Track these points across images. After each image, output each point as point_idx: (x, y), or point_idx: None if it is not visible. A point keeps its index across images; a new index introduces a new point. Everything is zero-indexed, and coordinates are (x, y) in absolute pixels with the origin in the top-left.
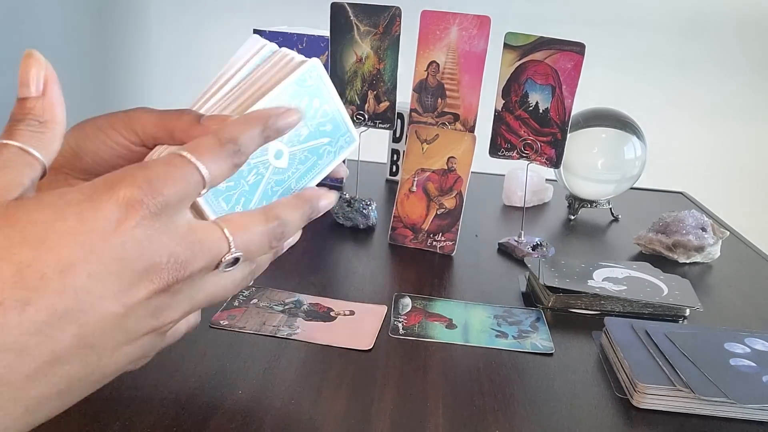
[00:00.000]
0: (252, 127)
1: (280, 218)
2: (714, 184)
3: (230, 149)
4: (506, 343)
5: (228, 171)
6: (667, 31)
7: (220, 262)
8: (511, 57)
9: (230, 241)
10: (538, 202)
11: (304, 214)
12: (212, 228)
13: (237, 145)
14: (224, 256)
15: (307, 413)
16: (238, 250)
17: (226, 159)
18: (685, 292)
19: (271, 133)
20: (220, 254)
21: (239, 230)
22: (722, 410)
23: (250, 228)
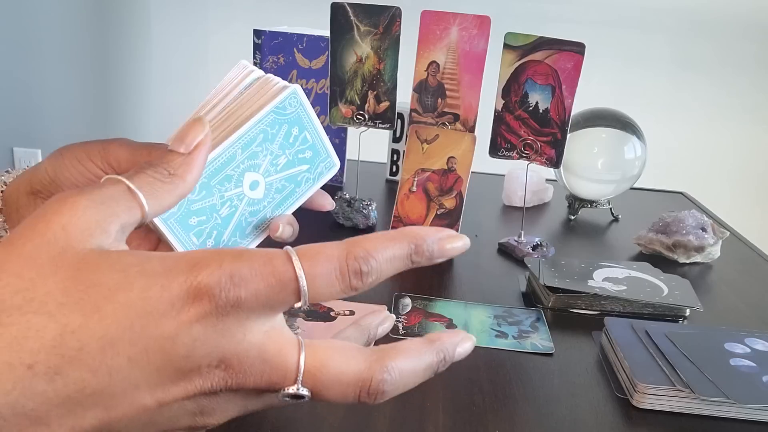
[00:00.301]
0: (387, 244)
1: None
2: (714, 184)
3: (354, 268)
4: (506, 343)
5: (338, 295)
6: (667, 31)
7: (281, 391)
8: (510, 57)
9: (299, 376)
10: (538, 202)
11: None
12: (287, 352)
13: (368, 266)
14: (286, 388)
15: (306, 413)
16: (307, 388)
17: (342, 281)
18: (685, 292)
19: (416, 259)
20: (282, 383)
21: (323, 356)
22: (722, 410)
23: (339, 375)
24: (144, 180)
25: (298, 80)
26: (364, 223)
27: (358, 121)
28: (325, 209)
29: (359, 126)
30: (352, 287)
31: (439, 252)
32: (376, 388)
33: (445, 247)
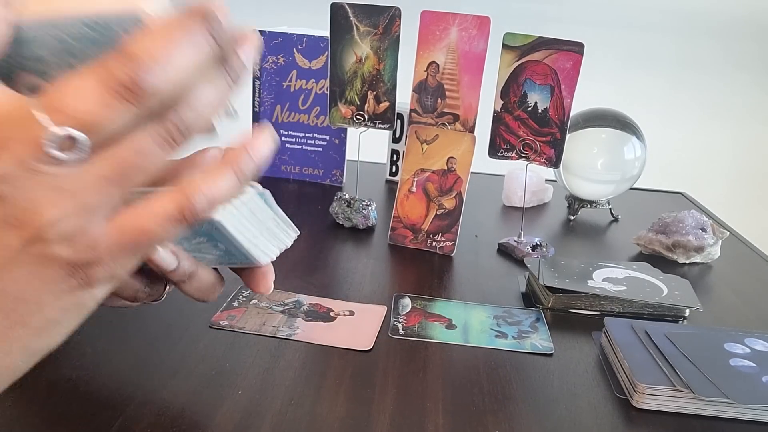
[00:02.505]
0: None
1: (123, 59)
2: (714, 184)
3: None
4: (506, 343)
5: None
6: (667, 31)
7: (43, 147)
8: (509, 57)
9: (38, 115)
10: (537, 202)
11: (184, 33)
12: (15, 104)
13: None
14: (42, 139)
15: (306, 413)
16: (65, 125)
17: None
18: (685, 293)
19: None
20: (32, 137)
21: (59, 96)
22: (722, 410)
23: (73, 87)
24: None
25: (298, 80)
26: (363, 223)
27: (357, 121)
28: (258, 290)
29: (359, 126)
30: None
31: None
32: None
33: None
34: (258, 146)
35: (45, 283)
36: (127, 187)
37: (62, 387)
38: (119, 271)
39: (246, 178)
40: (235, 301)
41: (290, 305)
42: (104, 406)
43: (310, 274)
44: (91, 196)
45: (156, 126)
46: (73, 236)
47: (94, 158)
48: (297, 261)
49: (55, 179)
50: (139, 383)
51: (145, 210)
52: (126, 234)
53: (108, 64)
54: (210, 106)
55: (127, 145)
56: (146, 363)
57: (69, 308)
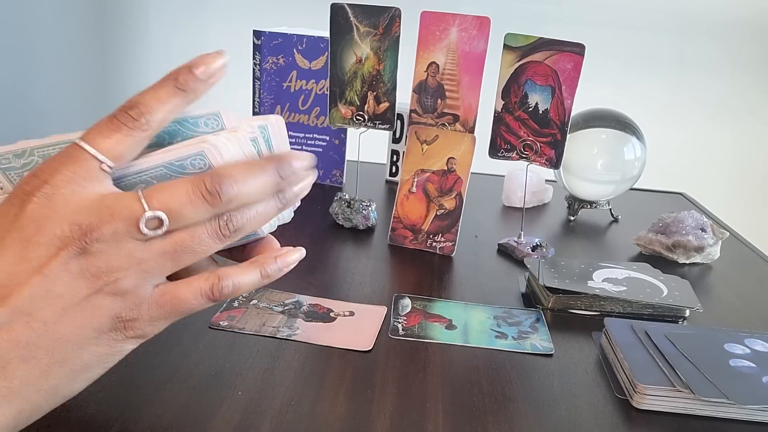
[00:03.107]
0: (155, 88)
1: (215, 176)
2: (714, 184)
3: (126, 119)
4: (506, 343)
5: (128, 144)
6: (667, 31)
7: (138, 223)
8: (510, 58)
9: (143, 202)
10: (537, 202)
11: (260, 170)
12: (126, 194)
13: (135, 110)
14: (140, 217)
15: (306, 414)
16: (157, 209)
17: (123, 131)
18: (685, 293)
19: (181, 83)
20: (132, 216)
21: (158, 191)
22: (722, 411)
23: (171, 187)
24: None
25: (298, 81)
26: (363, 223)
27: (357, 121)
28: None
29: (359, 127)
30: (131, 131)
31: (299, 177)
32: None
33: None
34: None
35: (93, 328)
36: (179, 265)
37: None
38: (150, 332)
39: (269, 279)
40: (234, 301)
41: (290, 306)
42: (103, 407)
43: (310, 275)
44: (151, 265)
45: (214, 223)
46: (127, 294)
47: (162, 238)
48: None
49: (133, 248)
50: (138, 384)
51: (185, 284)
52: (167, 299)
53: (201, 176)
54: (258, 219)
55: (189, 232)
56: (146, 363)
57: (102, 356)
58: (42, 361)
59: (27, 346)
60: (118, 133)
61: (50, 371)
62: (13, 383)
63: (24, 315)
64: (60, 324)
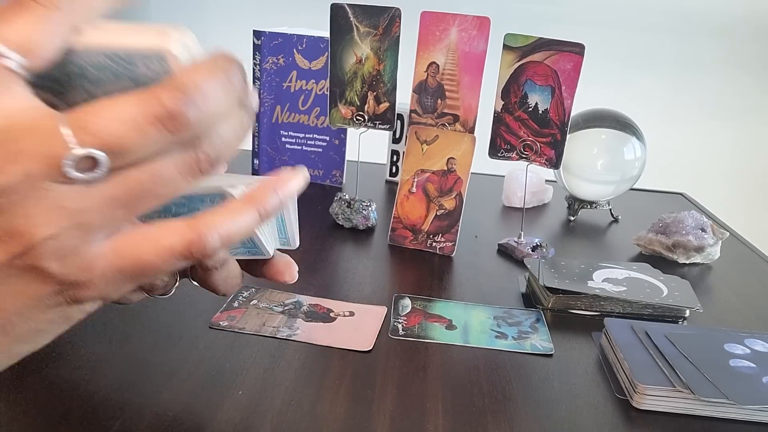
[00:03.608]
0: None
1: (172, 88)
2: (714, 184)
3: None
4: (506, 344)
5: (41, 25)
6: (667, 31)
7: (61, 166)
8: (510, 58)
9: (67, 134)
10: (537, 203)
11: (222, 73)
12: (42, 119)
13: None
14: (63, 157)
15: (307, 414)
16: (89, 146)
17: (30, 8)
18: (685, 293)
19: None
20: (51, 153)
21: (91, 114)
22: (722, 411)
23: (111, 108)
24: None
25: (298, 81)
26: (363, 224)
27: (357, 122)
28: (283, 278)
29: (359, 127)
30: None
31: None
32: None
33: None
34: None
35: (30, 297)
36: (136, 212)
37: (62, 388)
38: (111, 294)
39: (268, 217)
40: (235, 301)
41: (290, 306)
42: (104, 406)
43: (310, 275)
44: (94, 216)
45: (184, 155)
46: (66, 256)
47: (107, 178)
48: (297, 261)
49: (60, 197)
50: (139, 384)
51: (150, 238)
52: (124, 260)
53: (157, 93)
54: (235, 138)
55: (147, 170)
56: (146, 363)
57: (54, 320)
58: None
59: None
60: (23, 12)
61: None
62: None
63: None
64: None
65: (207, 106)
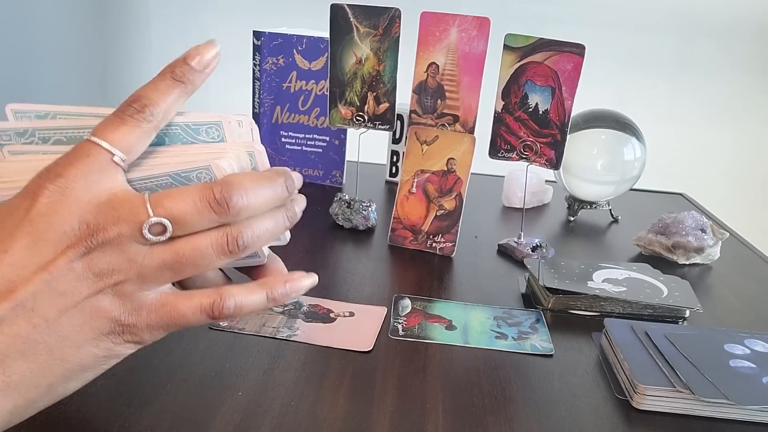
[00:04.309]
0: (154, 81)
1: (224, 185)
2: (713, 185)
3: (132, 112)
4: (506, 344)
5: (136, 135)
6: (666, 31)
7: (142, 229)
8: (510, 58)
9: (148, 207)
10: (537, 203)
11: (268, 182)
12: (133, 197)
13: (138, 103)
14: (144, 222)
15: (306, 414)
16: (162, 216)
17: (130, 123)
18: (685, 294)
19: (178, 75)
20: (137, 219)
21: (165, 197)
22: (722, 411)
23: (179, 194)
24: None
25: (298, 81)
26: (363, 224)
27: (357, 122)
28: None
29: (359, 127)
30: (140, 126)
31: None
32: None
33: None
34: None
35: (92, 329)
36: (178, 275)
37: None
38: (148, 339)
39: (275, 303)
40: None
41: (290, 306)
42: (104, 407)
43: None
44: (150, 271)
45: (220, 234)
46: (126, 297)
47: (164, 246)
48: (297, 262)
49: (135, 252)
50: (138, 384)
51: (187, 297)
52: (164, 310)
53: (210, 185)
54: (267, 235)
55: (190, 243)
56: (146, 364)
57: (99, 358)
58: (41, 357)
59: (27, 341)
60: (125, 125)
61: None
62: (11, 378)
63: (27, 311)
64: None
65: (247, 200)
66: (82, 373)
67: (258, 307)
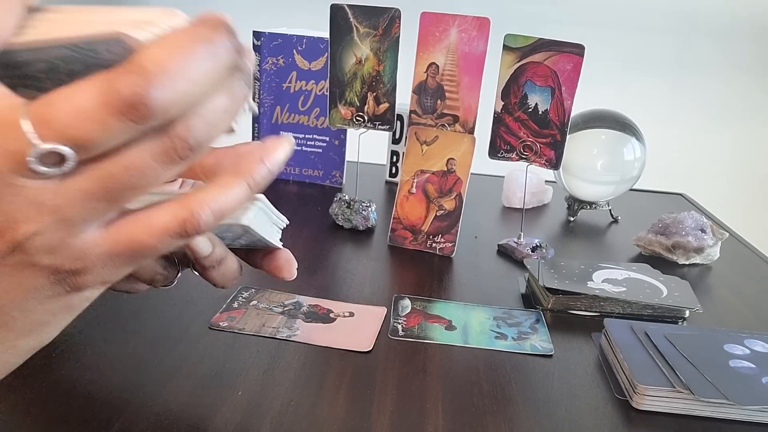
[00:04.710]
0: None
1: (132, 75)
2: (713, 185)
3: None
4: (506, 344)
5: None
6: (666, 32)
7: (27, 164)
8: (510, 59)
9: (29, 130)
10: (537, 203)
11: (201, 43)
12: (2, 119)
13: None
14: (27, 154)
15: (306, 414)
16: (52, 141)
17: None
18: (685, 294)
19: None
20: (16, 150)
21: (51, 109)
22: (722, 411)
23: (69, 100)
24: None
25: (298, 81)
26: (363, 224)
27: (357, 122)
28: (281, 275)
29: (359, 127)
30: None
31: None
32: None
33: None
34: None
35: (28, 290)
36: (119, 203)
37: (62, 388)
38: (111, 278)
39: (258, 188)
40: (234, 302)
41: (290, 306)
42: (104, 407)
43: (310, 276)
44: (73, 210)
45: (158, 142)
46: (55, 248)
47: (80, 171)
48: (297, 262)
49: (35, 192)
50: (138, 384)
51: (143, 222)
52: (119, 245)
53: (112, 78)
54: (224, 116)
55: (118, 162)
56: (146, 364)
57: (57, 311)
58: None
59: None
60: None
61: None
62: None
63: None
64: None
65: (175, 87)
66: (44, 328)
67: (240, 203)
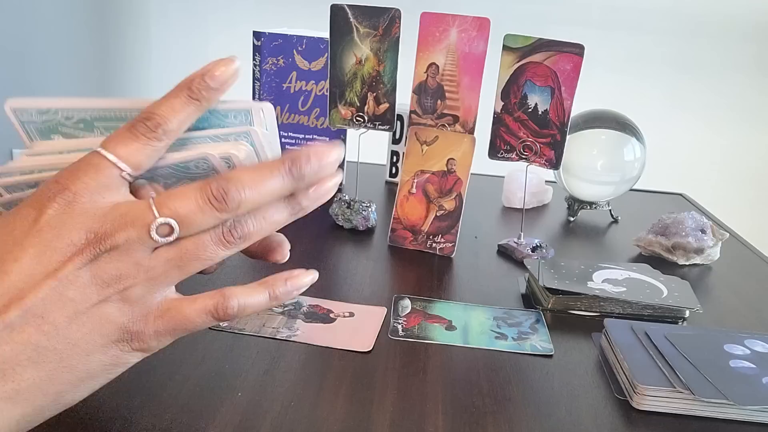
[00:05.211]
0: (169, 98)
1: (222, 180)
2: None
3: (144, 130)
4: (506, 344)
5: (146, 153)
6: (666, 32)
7: (150, 231)
8: (510, 59)
9: (153, 209)
10: (537, 203)
11: (269, 172)
12: (139, 202)
13: (152, 121)
14: (151, 224)
15: (306, 415)
16: (168, 217)
17: (141, 141)
18: (685, 294)
19: (195, 92)
20: (144, 223)
21: (168, 198)
22: (722, 412)
23: (180, 193)
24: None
25: (298, 82)
26: (363, 224)
27: (357, 122)
28: (275, 258)
29: (359, 128)
30: (149, 143)
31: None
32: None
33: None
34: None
35: (101, 336)
36: (185, 272)
37: None
38: (155, 346)
39: (278, 301)
40: None
41: (290, 306)
42: (104, 407)
43: None
44: (158, 272)
45: (218, 231)
46: (134, 303)
47: (168, 244)
48: (297, 262)
49: (140, 254)
50: (137, 385)
51: (190, 301)
52: (171, 317)
53: (209, 181)
54: (267, 226)
55: (193, 239)
56: (145, 364)
57: (107, 366)
58: (50, 364)
59: (37, 348)
60: (136, 142)
61: (57, 376)
62: (21, 385)
63: (36, 317)
64: (70, 328)
65: (245, 194)
66: (89, 381)
67: (261, 306)
